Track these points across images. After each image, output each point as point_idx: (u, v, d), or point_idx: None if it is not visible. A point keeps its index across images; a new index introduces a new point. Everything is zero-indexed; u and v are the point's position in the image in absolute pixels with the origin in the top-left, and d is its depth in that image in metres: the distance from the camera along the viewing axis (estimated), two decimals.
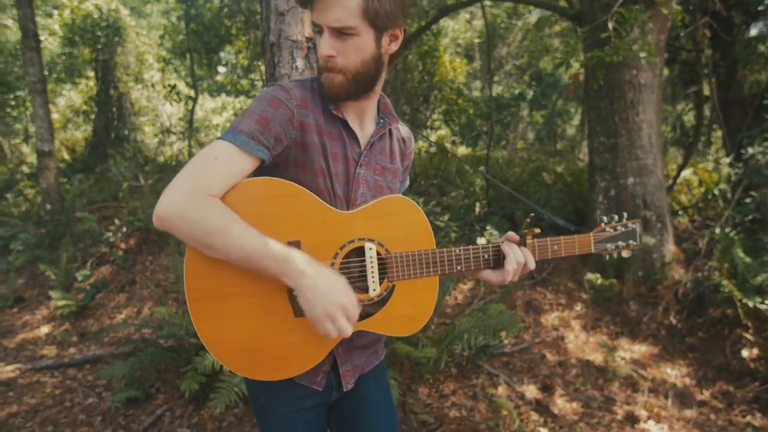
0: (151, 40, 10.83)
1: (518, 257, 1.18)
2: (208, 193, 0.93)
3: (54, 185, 5.66)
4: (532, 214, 1.27)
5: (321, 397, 1.19)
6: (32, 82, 5.47)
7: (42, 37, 10.49)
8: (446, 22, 16.30)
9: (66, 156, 10.41)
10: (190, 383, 2.68)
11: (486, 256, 1.19)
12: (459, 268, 1.17)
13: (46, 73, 10.47)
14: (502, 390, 3.07)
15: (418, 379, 2.91)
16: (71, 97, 10.41)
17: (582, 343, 3.76)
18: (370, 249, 1.09)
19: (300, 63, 2.47)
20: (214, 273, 0.99)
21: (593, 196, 4.44)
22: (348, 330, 0.97)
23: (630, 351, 3.66)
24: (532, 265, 1.20)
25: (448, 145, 14.38)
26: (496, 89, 17.75)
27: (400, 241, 1.13)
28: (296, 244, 1.02)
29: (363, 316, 1.10)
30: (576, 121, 15.65)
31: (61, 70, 10.03)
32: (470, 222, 5.75)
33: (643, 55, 3.13)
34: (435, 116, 14.09)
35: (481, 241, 5.04)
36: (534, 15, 11.65)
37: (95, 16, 9.42)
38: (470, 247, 1.18)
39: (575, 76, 3.58)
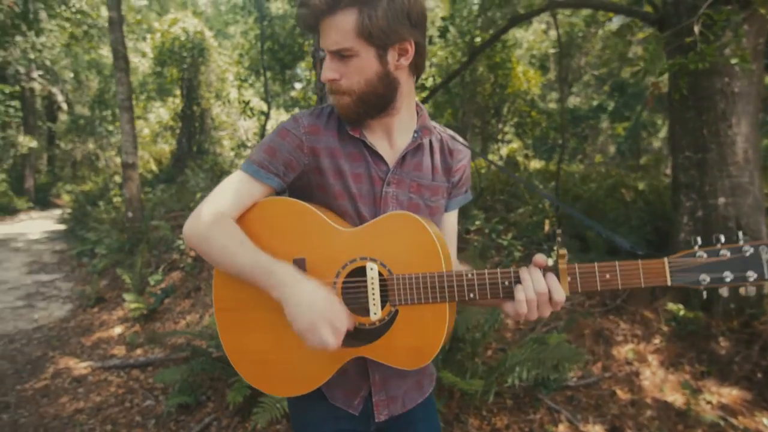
0: (232, 60, 11.47)
1: (538, 286, 0.95)
2: (221, 213, 1.03)
3: (136, 194, 6.08)
4: (559, 231, 0.99)
5: (358, 423, 1.14)
6: (120, 99, 5.93)
7: (135, 59, 11.50)
8: (520, 33, 15.87)
9: (153, 167, 11.26)
10: (235, 395, 2.68)
11: (506, 282, 0.99)
12: (472, 296, 0.99)
13: (138, 91, 11.48)
14: (563, 428, 2.79)
15: (467, 408, 2.71)
16: (160, 114, 11.24)
17: (660, 381, 3.36)
18: (371, 269, 1.02)
19: None
20: (238, 286, 1.05)
21: (677, 216, 3.99)
22: (329, 341, 0.94)
23: (718, 394, 3.21)
24: (559, 297, 0.95)
25: (520, 159, 13.90)
26: (574, 101, 16.95)
27: (404, 261, 1.02)
28: (301, 263, 1.04)
29: (365, 340, 1.03)
30: (663, 133, 14.50)
31: (152, 89, 10.89)
32: (537, 241, 5.43)
33: (734, 61, 2.76)
34: (507, 129, 13.69)
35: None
36: (615, 22, 10.97)
37: (182, 38, 10.14)
38: (486, 271, 1.00)
39: (654, 85, 3.25)
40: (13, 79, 12.23)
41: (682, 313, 3.63)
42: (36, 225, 11.06)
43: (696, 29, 3.09)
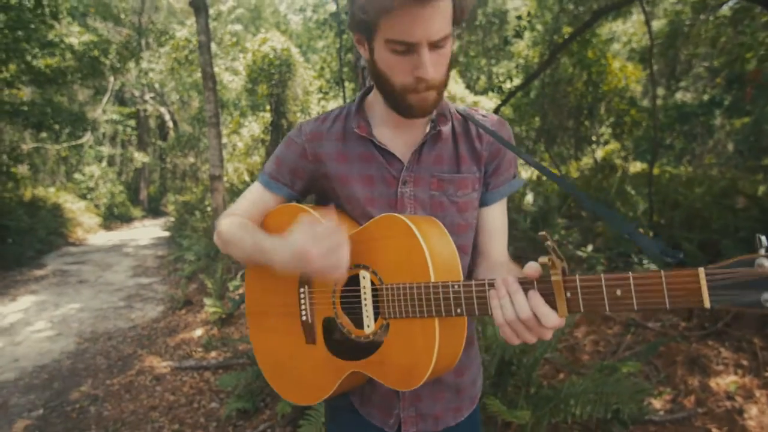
0: (317, 73, 11.93)
1: (520, 309, 0.75)
2: (233, 215, 1.09)
3: (221, 204, 6.49)
4: (544, 233, 0.74)
5: None
6: (208, 116, 6.37)
7: (230, 78, 12.45)
8: (617, 26, 14.73)
9: (247, 178, 12.02)
10: (284, 406, 2.70)
11: None
12: (459, 311, 0.84)
13: (232, 108, 12.42)
14: None
15: None
16: (252, 128, 11.99)
17: None
18: (364, 278, 0.95)
19: None
20: (262, 290, 1.11)
21: None
22: (327, 257, 0.86)
23: None
24: (548, 321, 0.74)
25: (617, 161, 12.85)
26: (682, 96, 15.34)
27: (394, 269, 0.92)
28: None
29: (361, 354, 0.96)
30: None
31: (244, 105, 11.66)
32: (627, 253, 4.91)
33: None
34: (602, 130, 12.73)
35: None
36: (728, 6, 9.71)
37: (271, 56, 10.74)
38: (473, 282, 0.83)
39: (754, 73, 2.76)
40: (129, 102, 13.88)
41: None
42: (146, 232, 12.34)
43: None
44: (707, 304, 0.65)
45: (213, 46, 10.57)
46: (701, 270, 0.65)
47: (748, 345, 3.41)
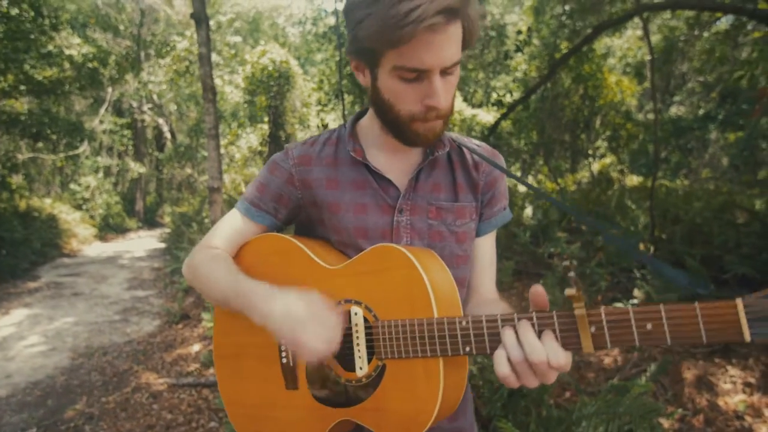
0: (316, 85, 11.99)
1: (532, 350, 0.70)
2: (210, 247, 1.00)
3: (219, 217, 6.43)
4: (569, 263, 0.69)
5: None
6: (207, 128, 6.33)
7: (228, 90, 12.48)
8: (614, 41, 14.89)
9: (244, 190, 12.00)
10: None
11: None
12: (468, 350, 0.77)
13: (230, 119, 12.44)
14: None
15: None
16: (250, 139, 11.98)
17: None
18: (356, 314, 0.86)
19: None
20: (234, 331, 1.00)
21: None
22: (316, 346, 0.79)
23: None
24: (558, 361, 0.69)
25: (614, 175, 12.91)
26: (677, 110, 15.49)
27: (390, 304, 0.84)
28: None
29: (353, 400, 0.87)
30: None
31: (243, 117, 11.66)
32: (629, 268, 4.88)
33: None
34: (599, 143, 12.80)
35: (638, 293, 4.22)
36: (723, 22, 9.85)
37: (270, 68, 10.78)
38: (483, 317, 0.76)
39: (762, 91, 2.77)
40: (127, 112, 13.88)
41: None
42: (142, 243, 12.22)
43: None
44: (747, 337, 0.61)
45: (213, 56, 10.61)
46: (739, 301, 0.61)
47: (755, 363, 3.37)
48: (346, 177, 0.96)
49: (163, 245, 10.65)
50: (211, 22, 13.23)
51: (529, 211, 7.86)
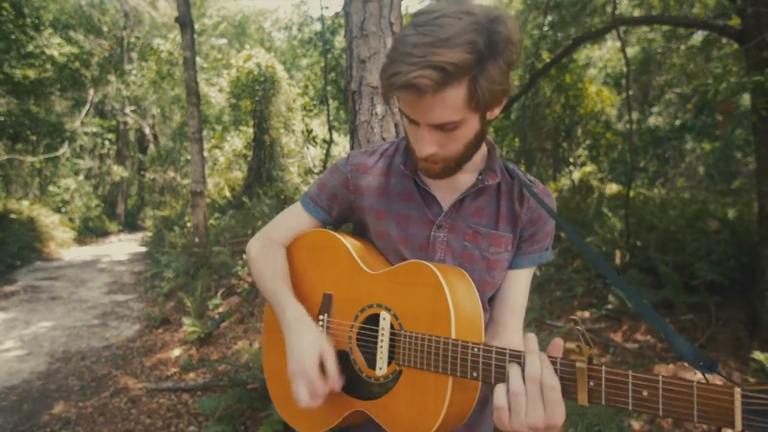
0: (301, 90, 12.01)
1: (514, 383, 0.74)
2: (272, 239, 1.13)
3: (202, 221, 6.42)
4: (575, 318, 0.71)
5: None
6: (191, 132, 6.33)
7: (213, 93, 12.43)
8: (594, 52, 15.22)
9: (227, 193, 11.92)
10: (266, 430, 2.65)
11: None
12: (475, 375, 0.80)
13: (215, 122, 12.41)
14: None
15: None
16: (234, 143, 11.93)
17: None
18: (384, 319, 0.94)
19: (379, 109, 2.39)
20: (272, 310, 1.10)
21: (764, 251, 3.52)
22: (302, 399, 0.92)
23: None
24: (554, 420, 0.71)
25: (594, 183, 13.16)
26: (655, 120, 15.87)
27: (416, 317, 0.90)
28: (329, 298, 1.04)
29: (369, 395, 0.95)
30: None
31: (227, 121, 11.62)
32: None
33: None
34: (579, 151, 13.06)
35: (612, 299, 4.33)
36: (698, 36, 10.17)
37: (255, 72, 10.77)
38: (493, 348, 0.79)
39: (726, 107, 2.91)
40: (109, 114, 13.73)
41: None
42: (122, 247, 12.06)
43: None
44: (738, 426, 0.61)
45: (198, 60, 10.58)
46: (737, 390, 0.60)
47: (723, 366, 3.50)
48: (395, 188, 1.03)
49: (144, 249, 10.54)
50: (196, 26, 13.18)
51: None
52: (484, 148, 1.02)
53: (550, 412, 0.71)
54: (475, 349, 0.80)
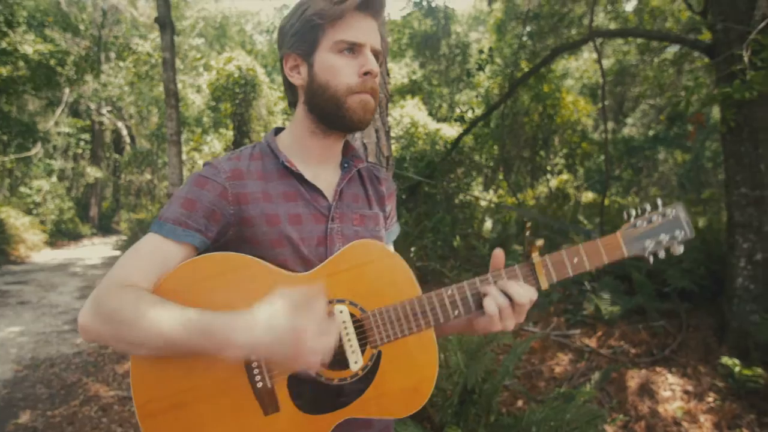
0: (282, 94, 11.93)
1: (499, 299, 0.92)
2: (124, 284, 0.83)
3: None
4: (528, 223, 1.00)
5: None
6: (170, 134, 6.23)
7: (192, 96, 12.26)
8: (571, 63, 15.55)
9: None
10: None
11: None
12: (457, 312, 0.94)
13: (194, 125, 12.24)
14: None
15: None
16: (213, 145, 11.79)
17: None
18: (341, 312, 0.89)
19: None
20: (168, 379, 0.83)
21: (733, 259, 3.63)
22: (314, 346, 0.74)
23: None
24: (522, 298, 0.91)
25: (571, 191, 13.39)
26: (629, 130, 16.27)
27: (376, 295, 0.92)
28: None
29: (352, 396, 0.90)
30: None
31: (207, 123, 11.48)
32: (580, 281, 5.10)
33: None
34: (556, 160, 13.29)
35: (587, 305, 4.42)
36: (671, 50, 10.49)
37: (236, 75, 10.68)
38: (465, 283, 0.94)
39: (696, 118, 3.00)
40: (85, 114, 13.40)
41: (738, 369, 3.24)
42: (96, 250, 11.77)
43: (745, 57, 2.85)
44: (625, 254, 0.95)
45: (177, 62, 10.45)
46: (619, 233, 0.96)
47: (692, 371, 3.59)
48: (277, 190, 0.97)
49: (118, 253, 10.30)
50: (177, 25, 13.01)
51: (489, 224, 8.08)
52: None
53: (530, 302, 0.93)
54: (449, 291, 0.93)
